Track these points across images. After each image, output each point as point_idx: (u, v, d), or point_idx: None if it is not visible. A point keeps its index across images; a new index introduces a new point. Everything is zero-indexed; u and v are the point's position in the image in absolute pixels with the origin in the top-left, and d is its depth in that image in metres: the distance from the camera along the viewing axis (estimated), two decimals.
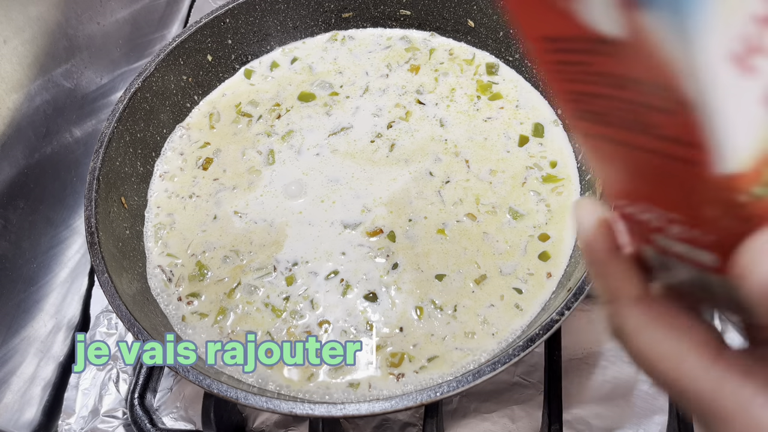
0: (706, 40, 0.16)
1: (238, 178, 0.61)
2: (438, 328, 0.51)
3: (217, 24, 0.65)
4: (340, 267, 0.55)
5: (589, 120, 0.22)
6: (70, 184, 0.65)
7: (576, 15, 0.19)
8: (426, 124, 0.63)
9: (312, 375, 0.50)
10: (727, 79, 0.17)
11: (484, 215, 0.57)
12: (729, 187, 0.19)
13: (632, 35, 0.18)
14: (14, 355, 0.57)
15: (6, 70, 0.55)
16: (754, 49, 0.17)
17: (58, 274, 0.63)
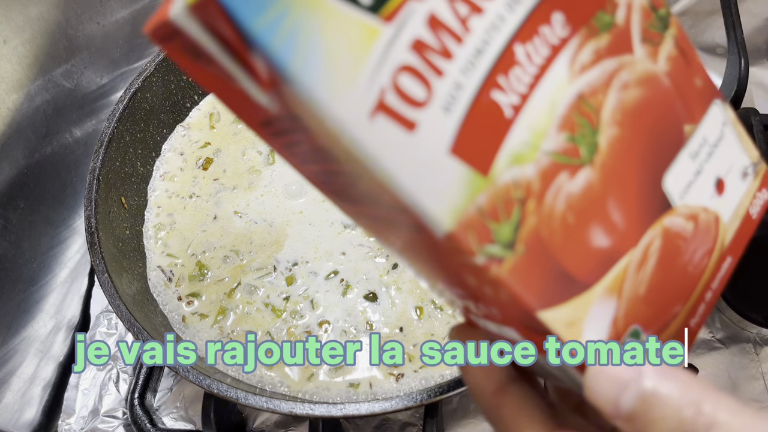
0: (336, 105, 0.16)
1: (238, 178, 0.61)
2: (438, 328, 0.51)
3: None
4: (340, 267, 0.55)
5: (343, 199, 0.21)
6: (70, 184, 0.65)
7: (250, 97, 0.17)
8: None
9: (312, 375, 0.50)
10: (376, 134, 0.16)
11: None
12: (457, 250, 0.18)
13: (287, 112, 0.17)
14: (14, 355, 0.57)
15: (6, 70, 0.55)
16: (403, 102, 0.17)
17: (58, 274, 0.63)
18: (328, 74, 0.15)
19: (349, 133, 0.16)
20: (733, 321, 0.58)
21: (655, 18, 0.21)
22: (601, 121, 0.20)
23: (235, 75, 0.16)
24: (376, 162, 0.16)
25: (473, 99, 0.17)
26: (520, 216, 0.18)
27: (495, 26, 0.18)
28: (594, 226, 0.20)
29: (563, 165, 0.19)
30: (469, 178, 0.17)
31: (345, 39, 0.16)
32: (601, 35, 0.20)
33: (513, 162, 0.18)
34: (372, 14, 0.16)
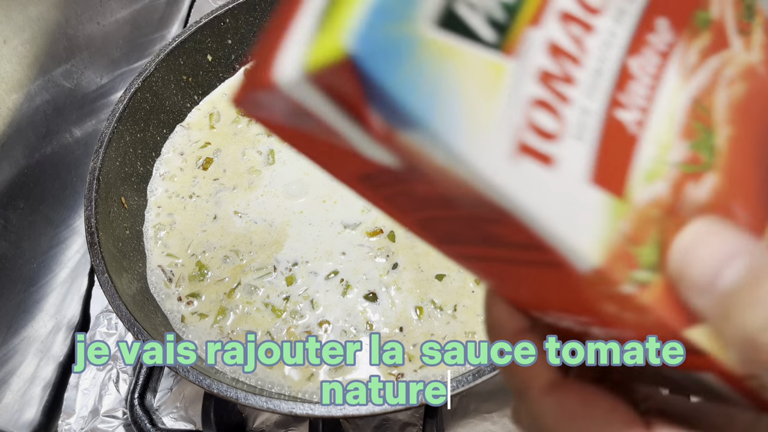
0: (475, 152, 0.15)
1: (238, 178, 0.61)
2: (438, 328, 0.51)
3: (217, 24, 0.65)
4: (340, 267, 0.55)
5: (448, 242, 0.20)
6: (70, 184, 0.65)
7: (358, 153, 0.16)
8: None
9: (312, 375, 0.50)
10: (519, 176, 0.15)
11: None
12: (602, 282, 0.17)
13: (408, 163, 0.16)
14: (14, 355, 0.57)
15: (6, 70, 0.55)
16: (538, 138, 0.16)
17: (58, 274, 0.63)
18: (463, 120, 0.15)
19: (489, 179, 0.15)
20: None
21: (744, 7, 0.21)
22: (714, 122, 0.19)
23: (343, 131, 0.15)
24: (517, 204, 0.16)
25: (601, 122, 0.17)
26: (660, 235, 0.18)
27: (608, 43, 0.17)
28: None
29: (689, 174, 0.18)
30: (610, 205, 0.17)
31: (475, 81, 0.15)
32: (702, 34, 0.19)
33: (646, 180, 0.17)
34: (496, 50, 0.15)
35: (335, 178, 0.19)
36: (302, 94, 0.15)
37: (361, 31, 0.13)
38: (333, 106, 0.15)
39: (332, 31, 0.13)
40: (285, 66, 0.14)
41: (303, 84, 0.14)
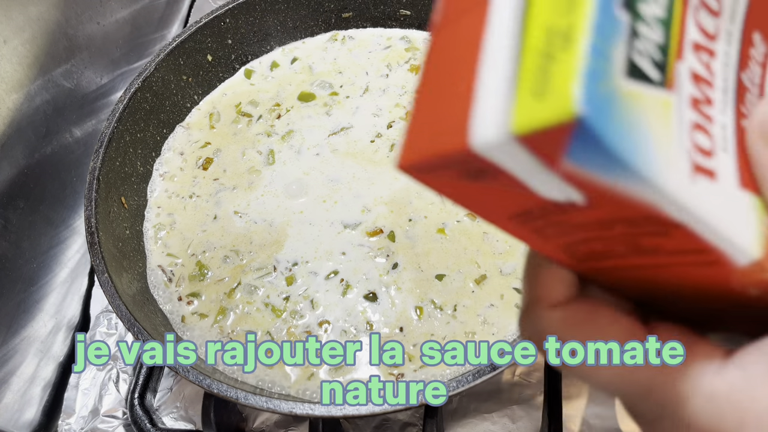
0: (666, 178, 0.17)
1: (238, 178, 0.61)
2: (438, 328, 0.51)
3: (217, 24, 0.65)
4: (340, 267, 0.55)
5: (591, 259, 0.22)
6: (70, 184, 0.65)
7: (532, 194, 0.18)
8: None
9: (312, 375, 0.50)
10: (697, 192, 0.17)
11: None
12: (759, 271, 0.19)
13: (591, 198, 0.17)
14: (14, 355, 0.57)
15: (6, 70, 0.55)
16: (702, 156, 0.18)
17: (58, 274, 0.63)
18: (655, 153, 0.16)
19: (677, 199, 0.17)
20: None
21: None
22: None
23: (527, 180, 0.17)
24: (696, 216, 0.18)
25: (734, 133, 0.19)
26: None
27: (726, 63, 0.19)
28: None
29: None
30: (756, 204, 0.19)
31: (655, 117, 0.17)
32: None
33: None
34: (662, 87, 0.17)
35: (484, 218, 0.21)
36: (502, 154, 0.16)
37: (584, 93, 0.15)
38: (533, 161, 0.16)
39: (552, 95, 0.15)
40: (483, 131, 0.16)
41: (508, 145, 0.16)
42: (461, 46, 0.18)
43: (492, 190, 0.18)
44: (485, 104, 0.16)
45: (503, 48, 0.16)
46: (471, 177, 0.18)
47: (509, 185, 0.18)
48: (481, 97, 0.16)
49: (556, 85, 0.15)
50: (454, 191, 0.20)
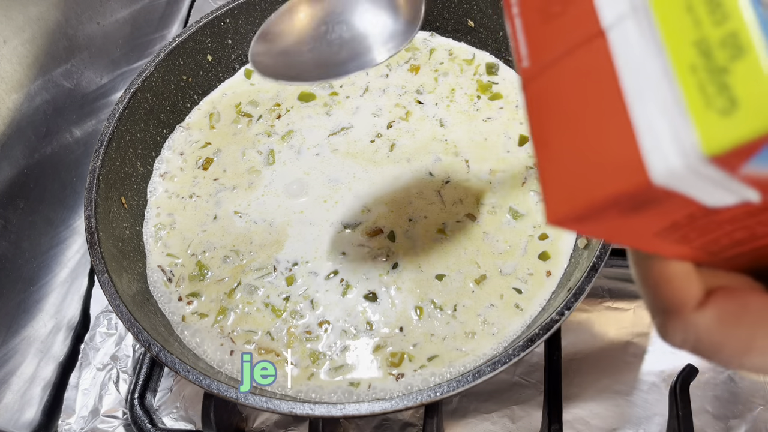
0: None
1: (238, 178, 0.61)
2: (438, 328, 0.51)
3: (217, 24, 0.65)
4: (340, 267, 0.55)
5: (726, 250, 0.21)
6: (70, 184, 0.65)
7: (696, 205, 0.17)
8: (426, 123, 0.63)
9: (312, 375, 0.50)
10: None
11: (484, 215, 0.57)
12: None
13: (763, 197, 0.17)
14: (14, 355, 0.57)
15: (6, 70, 0.55)
16: None
17: (58, 274, 0.63)
18: None
19: None
20: None
21: None
22: None
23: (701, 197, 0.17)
24: None
25: None
26: None
27: None
28: None
29: None
30: None
31: None
32: None
33: None
34: None
35: (627, 244, 0.21)
36: (687, 180, 0.16)
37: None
38: (719, 176, 0.16)
39: (746, 107, 0.14)
40: (665, 161, 0.15)
41: (699, 168, 0.15)
42: (585, 83, 0.17)
43: (648, 216, 0.18)
44: (655, 134, 0.15)
45: (649, 74, 0.16)
46: (633, 210, 0.17)
47: (675, 206, 0.17)
48: (646, 128, 0.16)
49: (748, 96, 0.14)
50: (606, 230, 0.19)
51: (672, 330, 0.22)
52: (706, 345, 0.21)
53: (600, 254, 0.47)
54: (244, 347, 0.52)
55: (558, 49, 0.18)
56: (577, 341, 0.58)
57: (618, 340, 0.58)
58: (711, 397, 0.54)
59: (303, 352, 0.51)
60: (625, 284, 0.61)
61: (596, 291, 0.60)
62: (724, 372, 0.56)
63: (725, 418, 0.53)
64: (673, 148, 0.15)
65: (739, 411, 0.54)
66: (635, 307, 0.59)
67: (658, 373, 0.56)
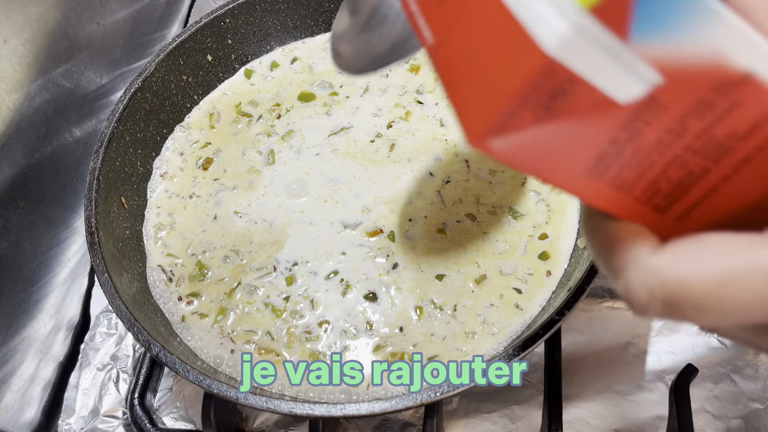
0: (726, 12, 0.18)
1: (238, 178, 0.61)
2: (438, 327, 0.51)
3: (217, 24, 0.65)
4: (340, 267, 0.55)
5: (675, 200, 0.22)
6: (70, 184, 0.65)
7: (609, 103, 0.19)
8: (426, 123, 0.63)
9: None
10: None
11: (485, 215, 0.57)
12: None
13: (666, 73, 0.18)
14: (14, 355, 0.57)
15: (6, 70, 0.55)
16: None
17: (58, 274, 0.63)
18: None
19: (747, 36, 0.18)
20: None
21: None
22: None
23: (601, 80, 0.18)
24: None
25: None
26: None
27: None
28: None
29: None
30: None
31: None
32: None
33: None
34: None
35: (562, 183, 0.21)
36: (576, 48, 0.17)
37: None
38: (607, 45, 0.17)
39: None
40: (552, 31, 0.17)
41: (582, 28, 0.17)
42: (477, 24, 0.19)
43: (569, 130, 0.19)
44: (538, 14, 0.17)
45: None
46: (546, 110, 0.18)
47: (586, 105, 0.18)
48: (529, 15, 0.17)
49: None
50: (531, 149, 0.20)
51: (634, 283, 0.21)
52: (672, 288, 0.20)
53: None
54: (244, 347, 0.52)
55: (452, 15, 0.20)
56: (577, 341, 0.58)
57: (618, 340, 0.58)
58: (711, 397, 0.54)
59: (303, 352, 0.51)
60: None
61: (596, 291, 0.60)
62: (725, 372, 0.56)
63: (725, 418, 0.53)
64: (555, 14, 0.16)
65: (739, 411, 0.54)
66: None
67: (658, 373, 0.56)
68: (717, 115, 0.19)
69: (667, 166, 0.21)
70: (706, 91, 0.19)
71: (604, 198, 0.22)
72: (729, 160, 0.20)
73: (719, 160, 0.21)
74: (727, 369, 0.56)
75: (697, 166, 0.21)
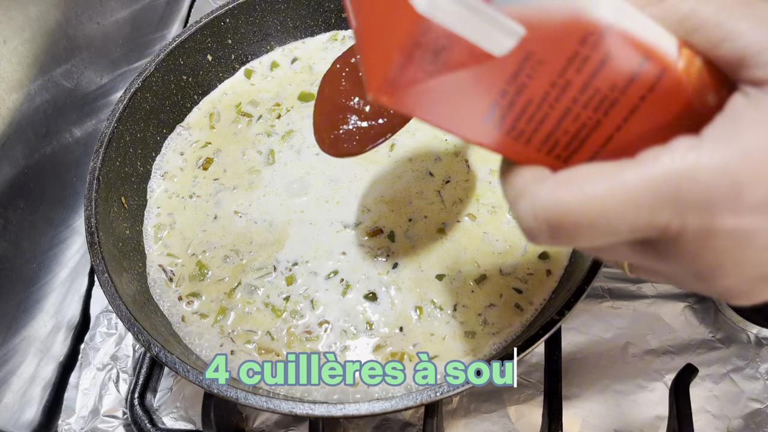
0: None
1: (238, 178, 0.61)
2: (438, 327, 0.51)
3: (217, 24, 0.65)
4: (339, 266, 0.55)
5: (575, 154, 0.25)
6: (70, 184, 0.65)
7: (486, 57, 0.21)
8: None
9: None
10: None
11: (485, 215, 0.57)
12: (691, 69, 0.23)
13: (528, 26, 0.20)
14: (14, 355, 0.57)
15: (6, 70, 0.55)
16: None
17: (58, 274, 0.63)
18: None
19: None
20: (733, 321, 0.58)
21: None
22: None
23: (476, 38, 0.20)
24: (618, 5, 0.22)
25: None
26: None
27: None
28: None
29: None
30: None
31: None
32: None
33: None
34: None
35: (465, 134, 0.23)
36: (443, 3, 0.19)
37: None
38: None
39: None
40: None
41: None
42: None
43: (459, 83, 0.21)
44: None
45: None
46: (433, 62, 0.20)
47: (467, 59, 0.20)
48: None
49: None
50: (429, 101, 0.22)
51: (522, 211, 0.24)
52: (553, 212, 0.23)
53: None
54: (244, 347, 0.52)
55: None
56: (577, 341, 0.58)
57: (618, 340, 0.58)
58: (711, 397, 0.54)
59: (303, 351, 0.51)
60: (626, 284, 0.61)
61: (596, 291, 0.60)
62: (725, 372, 0.56)
63: (725, 418, 0.53)
64: None
65: (739, 411, 0.54)
66: (635, 307, 0.59)
67: (658, 373, 0.56)
68: (593, 69, 0.21)
69: (561, 118, 0.23)
70: (575, 44, 0.21)
71: (507, 148, 0.24)
72: (617, 111, 0.23)
73: (608, 112, 0.23)
74: (727, 369, 0.56)
75: (589, 118, 0.23)
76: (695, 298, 0.60)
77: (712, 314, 0.59)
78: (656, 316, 0.59)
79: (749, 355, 0.56)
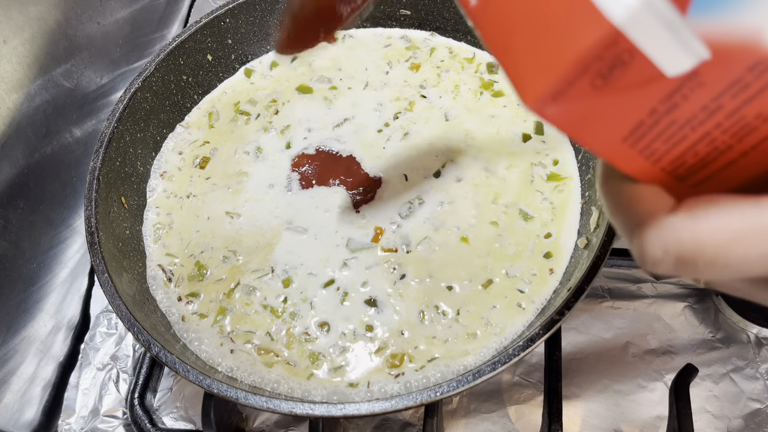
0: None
1: (234, 178, 0.61)
2: (440, 330, 0.51)
3: (217, 24, 0.65)
4: (338, 269, 0.55)
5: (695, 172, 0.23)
6: (70, 184, 0.65)
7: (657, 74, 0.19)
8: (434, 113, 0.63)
9: (312, 375, 0.50)
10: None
11: (498, 216, 0.56)
12: None
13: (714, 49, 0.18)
14: (14, 355, 0.57)
15: (6, 70, 0.55)
16: None
17: (58, 274, 0.63)
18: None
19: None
20: (733, 321, 0.58)
21: None
22: None
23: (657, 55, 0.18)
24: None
25: None
26: None
27: None
28: None
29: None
30: None
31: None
32: None
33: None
34: None
35: (598, 147, 0.22)
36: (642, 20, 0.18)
37: None
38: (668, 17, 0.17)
39: None
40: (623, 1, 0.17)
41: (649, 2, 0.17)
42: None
43: (617, 99, 0.20)
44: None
45: None
46: (603, 79, 0.19)
47: (639, 77, 0.19)
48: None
49: None
50: (578, 114, 0.20)
51: (649, 240, 0.22)
52: (687, 245, 0.21)
53: (600, 254, 0.47)
54: (244, 347, 0.52)
55: None
56: (577, 341, 0.58)
57: (618, 340, 0.58)
58: (711, 397, 0.54)
59: (302, 352, 0.51)
60: (625, 284, 0.61)
61: (596, 291, 0.60)
62: (725, 372, 0.56)
63: (725, 418, 0.53)
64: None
65: (739, 411, 0.54)
66: (635, 307, 0.59)
67: (658, 373, 0.56)
68: (748, 96, 0.20)
69: (697, 141, 0.22)
70: (742, 70, 0.19)
71: (632, 164, 0.23)
72: (751, 138, 0.21)
73: (743, 139, 0.21)
74: (727, 369, 0.56)
75: (723, 143, 0.22)
76: (695, 298, 0.60)
77: (712, 314, 0.59)
78: (656, 316, 0.59)
79: (749, 355, 0.56)
